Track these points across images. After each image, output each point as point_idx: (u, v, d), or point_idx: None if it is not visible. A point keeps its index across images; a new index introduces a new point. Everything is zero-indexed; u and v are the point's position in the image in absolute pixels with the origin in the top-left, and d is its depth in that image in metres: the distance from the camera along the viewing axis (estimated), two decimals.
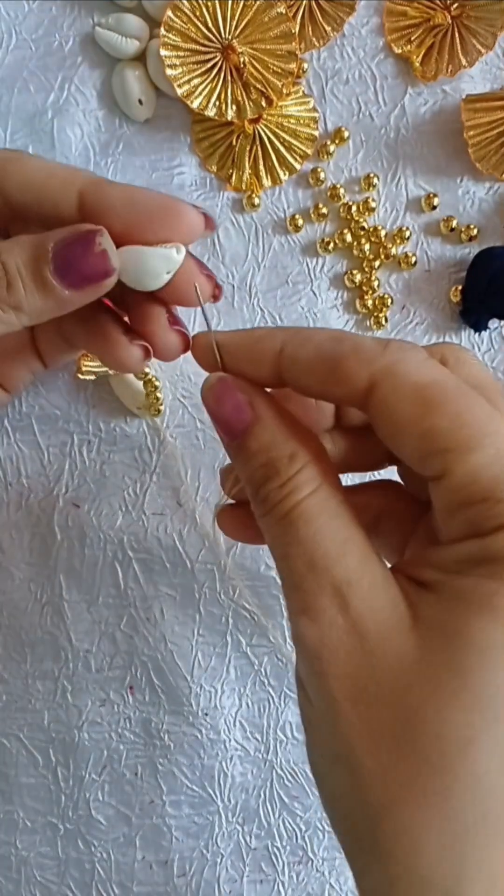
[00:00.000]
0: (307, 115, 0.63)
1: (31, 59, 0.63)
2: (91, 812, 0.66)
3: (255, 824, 0.65)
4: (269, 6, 0.60)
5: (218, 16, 0.61)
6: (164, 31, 0.61)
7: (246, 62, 0.60)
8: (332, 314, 0.64)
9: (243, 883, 0.66)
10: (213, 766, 0.65)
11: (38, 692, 0.65)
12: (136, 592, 0.64)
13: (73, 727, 0.65)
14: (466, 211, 0.63)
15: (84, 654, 0.65)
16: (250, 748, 0.65)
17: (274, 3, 0.60)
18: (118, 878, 0.66)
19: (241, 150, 0.63)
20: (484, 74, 0.63)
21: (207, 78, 0.61)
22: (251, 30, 0.61)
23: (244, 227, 0.64)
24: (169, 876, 0.66)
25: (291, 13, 0.61)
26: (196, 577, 0.64)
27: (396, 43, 0.63)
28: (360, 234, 0.63)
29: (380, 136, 0.63)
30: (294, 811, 0.65)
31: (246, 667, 0.65)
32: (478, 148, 0.62)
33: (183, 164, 0.64)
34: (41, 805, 0.66)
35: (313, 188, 0.64)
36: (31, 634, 0.65)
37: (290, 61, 0.61)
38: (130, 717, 0.65)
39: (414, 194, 0.64)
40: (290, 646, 0.64)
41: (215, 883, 0.66)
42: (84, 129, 0.64)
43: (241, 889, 0.66)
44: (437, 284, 0.64)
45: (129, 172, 0.64)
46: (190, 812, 0.65)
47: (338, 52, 0.63)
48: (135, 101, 0.62)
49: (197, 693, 0.65)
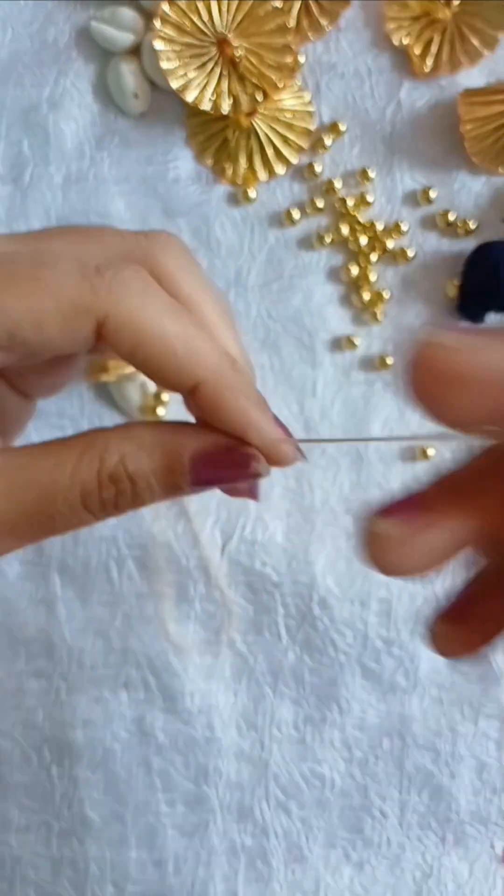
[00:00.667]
0: (303, 109, 0.63)
1: (25, 53, 0.63)
2: (85, 810, 0.65)
3: (249, 822, 0.65)
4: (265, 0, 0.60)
5: (213, 9, 0.60)
6: (158, 25, 0.60)
7: (242, 55, 0.60)
8: (327, 308, 0.64)
9: (238, 881, 0.65)
10: (208, 763, 0.65)
11: (32, 690, 0.65)
12: (130, 590, 0.64)
13: (67, 725, 0.65)
14: (463, 205, 0.63)
15: (78, 652, 0.65)
16: (245, 746, 0.65)
17: None
18: (113, 877, 0.65)
19: (237, 144, 0.63)
20: (480, 69, 0.63)
21: (203, 72, 0.61)
22: (246, 23, 0.61)
23: (239, 221, 0.64)
24: (164, 874, 0.65)
25: (287, 7, 0.61)
26: (190, 573, 0.64)
27: (395, 34, 0.62)
28: (356, 227, 0.63)
29: (376, 130, 0.63)
30: (289, 809, 0.65)
31: (240, 665, 0.65)
32: (475, 142, 0.62)
33: (178, 158, 0.64)
34: (35, 804, 0.65)
35: (309, 182, 0.64)
36: (25, 632, 0.65)
37: (285, 55, 0.61)
38: (125, 715, 0.65)
39: (410, 188, 0.63)
40: (286, 643, 0.64)
41: (210, 881, 0.65)
42: (79, 122, 0.63)
43: (235, 887, 0.65)
44: (434, 279, 0.63)
45: (125, 166, 0.64)
46: (184, 810, 0.65)
47: (333, 46, 0.63)
48: (130, 94, 0.62)
49: (191, 691, 0.64)
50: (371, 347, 0.63)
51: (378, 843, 0.65)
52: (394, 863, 0.65)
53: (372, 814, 0.65)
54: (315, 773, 0.64)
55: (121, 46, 0.62)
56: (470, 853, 0.65)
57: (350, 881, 0.65)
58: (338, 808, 0.65)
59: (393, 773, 0.64)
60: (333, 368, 0.64)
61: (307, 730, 0.64)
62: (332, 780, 0.64)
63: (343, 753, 0.64)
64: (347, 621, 0.63)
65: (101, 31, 0.62)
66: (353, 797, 0.64)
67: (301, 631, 0.64)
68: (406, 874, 0.65)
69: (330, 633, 0.63)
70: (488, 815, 0.64)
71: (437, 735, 0.64)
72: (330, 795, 0.64)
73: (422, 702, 0.64)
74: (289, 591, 0.64)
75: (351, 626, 0.63)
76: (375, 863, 0.65)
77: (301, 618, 0.64)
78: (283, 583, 0.63)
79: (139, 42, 0.62)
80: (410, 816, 0.65)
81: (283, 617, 0.64)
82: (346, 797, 0.64)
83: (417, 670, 0.63)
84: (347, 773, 0.64)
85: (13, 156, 0.64)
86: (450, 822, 0.64)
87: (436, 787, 0.64)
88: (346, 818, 0.65)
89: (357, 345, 0.63)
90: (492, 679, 0.63)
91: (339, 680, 0.64)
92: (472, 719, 0.64)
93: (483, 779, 0.64)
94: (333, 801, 0.64)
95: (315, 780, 0.64)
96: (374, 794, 0.64)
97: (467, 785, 0.64)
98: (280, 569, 0.63)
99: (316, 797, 0.64)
